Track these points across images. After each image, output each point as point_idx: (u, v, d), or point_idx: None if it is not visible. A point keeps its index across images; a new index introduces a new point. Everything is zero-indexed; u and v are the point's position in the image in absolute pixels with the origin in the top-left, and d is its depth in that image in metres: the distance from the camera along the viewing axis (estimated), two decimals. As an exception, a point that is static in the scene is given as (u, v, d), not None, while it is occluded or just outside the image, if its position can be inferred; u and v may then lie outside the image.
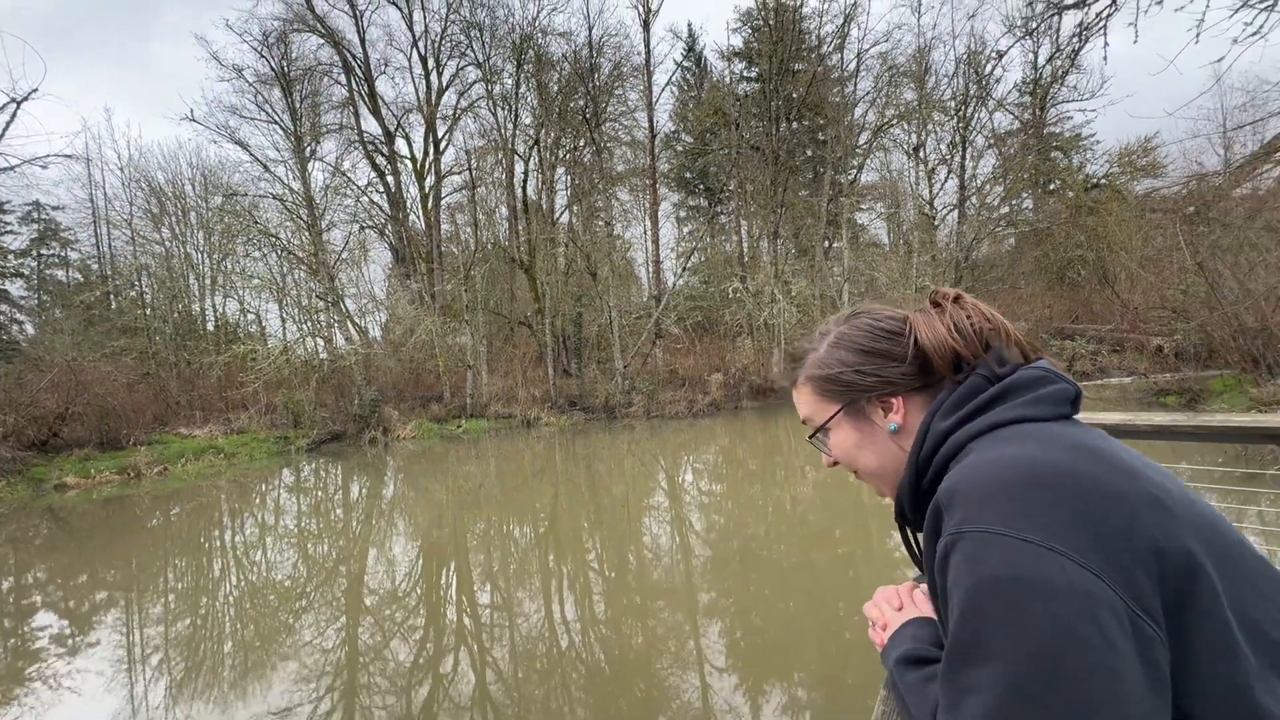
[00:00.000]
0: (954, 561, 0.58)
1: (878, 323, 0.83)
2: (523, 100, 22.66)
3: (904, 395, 0.80)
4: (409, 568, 7.26)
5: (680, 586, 6.12)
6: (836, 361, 0.84)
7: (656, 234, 24.43)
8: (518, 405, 18.62)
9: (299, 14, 21.51)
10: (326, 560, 7.86)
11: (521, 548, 7.87)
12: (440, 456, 14.73)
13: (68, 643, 5.64)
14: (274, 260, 20.72)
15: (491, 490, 11.08)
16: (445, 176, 24.22)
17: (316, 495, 12.04)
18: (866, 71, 24.05)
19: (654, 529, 8.44)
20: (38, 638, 5.81)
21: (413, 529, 9.08)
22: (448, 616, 5.81)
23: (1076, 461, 0.59)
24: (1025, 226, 23.48)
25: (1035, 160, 23.08)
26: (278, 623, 5.85)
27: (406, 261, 23.57)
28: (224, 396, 17.61)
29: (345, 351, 18.13)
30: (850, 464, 0.86)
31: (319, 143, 21.47)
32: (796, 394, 0.90)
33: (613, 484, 10.99)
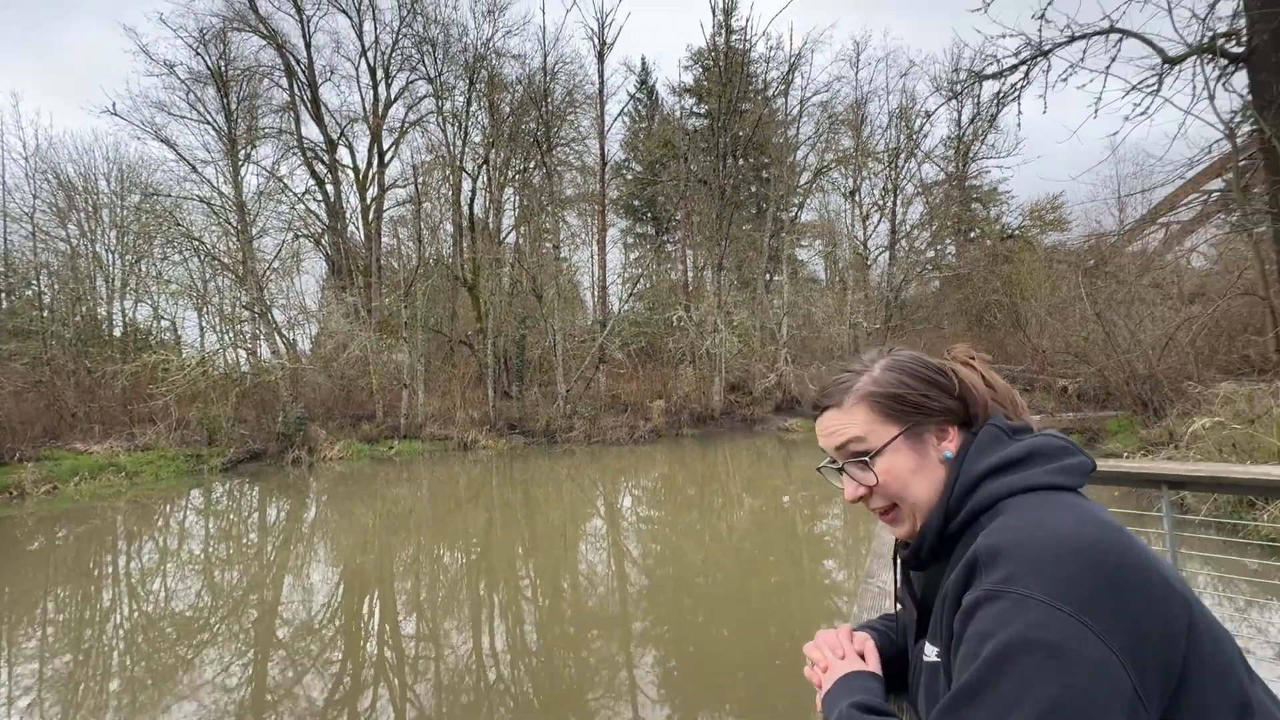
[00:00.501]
0: (985, 613, 0.62)
1: (924, 359, 0.86)
2: (473, 119, 22.55)
3: (956, 427, 0.83)
4: (328, 596, 6.84)
5: (615, 615, 6.04)
6: (900, 382, 0.83)
7: (604, 259, 24.62)
8: (455, 427, 18.07)
9: (240, 13, 20.74)
10: (235, 589, 7.29)
11: (451, 575, 7.57)
12: (369, 479, 14.06)
13: (-82, 685, 4.97)
14: (196, 265, 19.49)
15: (423, 515, 10.65)
16: (388, 189, 23.65)
17: (229, 518, 11.21)
18: (808, 117, 25.44)
19: (590, 556, 8.31)
20: (-120, 679, 5.09)
21: (335, 555, 8.57)
22: (367, 649, 5.49)
23: (1110, 540, 0.63)
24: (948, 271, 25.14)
25: (958, 210, 24.86)
26: (175, 658, 5.36)
27: (343, 274, 22.70)
28: (129, 409, 16.22)
29: (271, 365, 17.13)
30: (899, 491, 0.82)
31: (255, 146, 20.55)
32: (839, 415, 0.85)
33: (550, 510, 10.79)
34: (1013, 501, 0.71)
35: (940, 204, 25.02)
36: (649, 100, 32.04)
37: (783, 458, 15.36)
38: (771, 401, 20.53)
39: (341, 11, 23.12)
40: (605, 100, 23.92)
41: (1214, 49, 8.87)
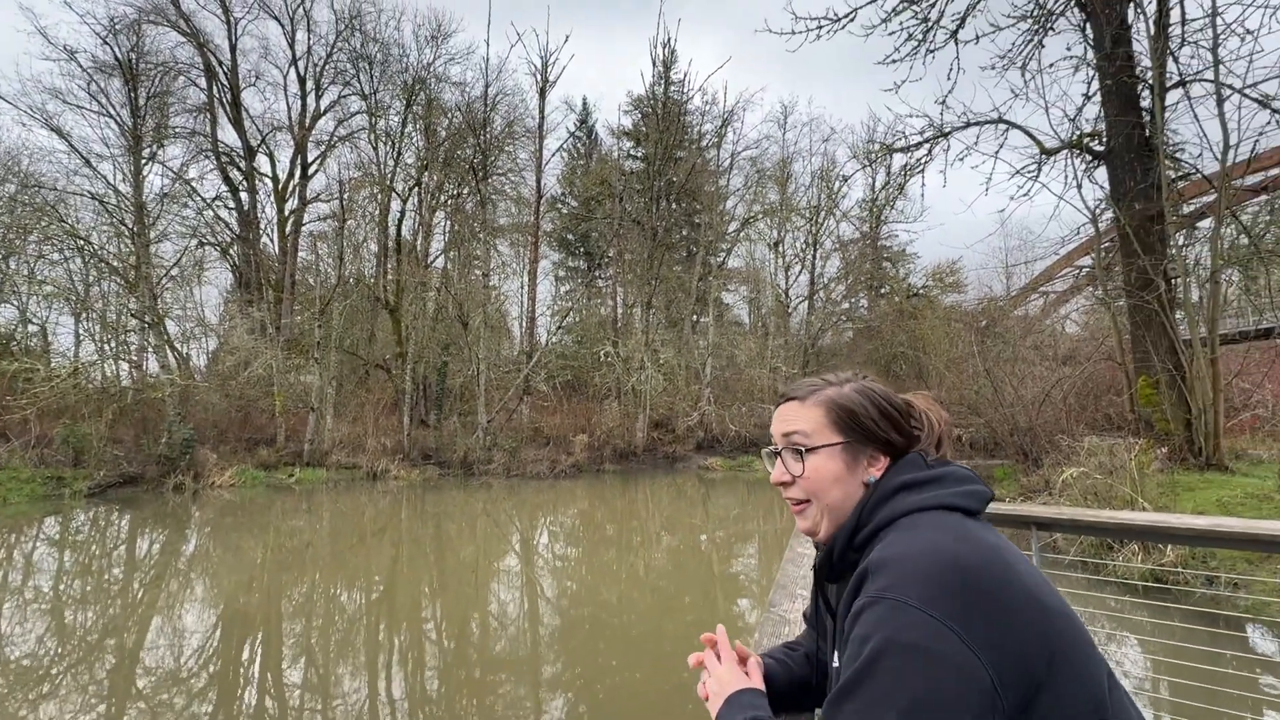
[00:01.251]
0: (867, 617, 0.69)
1: (891, 395, 0.95)
2: (408, 140, 22.13)
3: (887, 458, 0.91)
4: (202, 641, 6.17)
5: (524, 658, 5.81)
6: (861, 405, 0.91)
7: (534, 290, 24.49)
8: (365, 455, 17.06)
9: (158, 6, 19.57)
10: (90, 632, 6.44)
11: (348, 616, 7.04)
12: (262, 509, 12.96)
13: None
14: (78, 266, 17.70)
15: (321, 550, 9.90)
16: (310, 202, 22.62)
17: (90, 550, 9.96)
18: (738, 170, 26.83)
19: (502, 595, 8.00)
20: None
21: (214, 594, 7.78)
22: (244, 700, 4.98)
23: (986, 559, 0.70)
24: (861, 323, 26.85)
25: (870, 267, 26.76)
26: (6, 714, 4.64)
27: (251, 287, 21.28)
28: (-24, 423, 14.27)
29: (159, 380, 15.62)
30: (817, 489, 0.90)
31: (162, 146, 19.16)
32: (797, 407, 0.94)
33: (462, 546, 10.34)
34: (909, 519, 0.79)
35: (855, 261, 26.87)
36: (588, 139, 32.73)
37: (702, 496, 15.55)
38: (693, 440, 20.84)
39: (273, 18, 22.33)
40: (544, 135, 24.22)
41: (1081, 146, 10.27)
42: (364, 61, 22.29)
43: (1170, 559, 5.87)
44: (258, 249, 21.64)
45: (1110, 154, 10.03)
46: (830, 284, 26.79)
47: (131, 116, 17.75)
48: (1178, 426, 8.92)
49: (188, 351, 20.76)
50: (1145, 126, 9.65)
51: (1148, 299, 9.07)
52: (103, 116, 17.89)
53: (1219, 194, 8.67)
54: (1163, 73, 9.06)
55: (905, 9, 10.73)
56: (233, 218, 22.28)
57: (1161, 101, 9.10)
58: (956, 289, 25.70)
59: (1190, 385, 8.79)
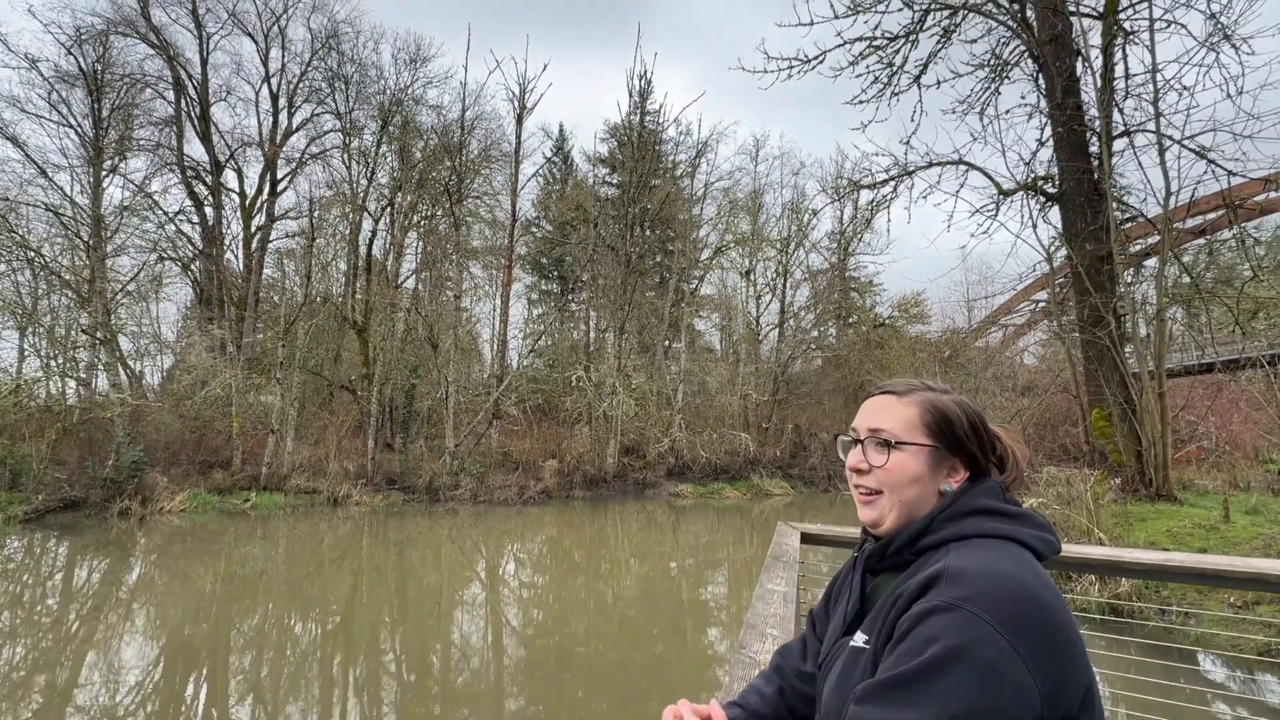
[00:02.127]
0: (938, 621, 0.72)
1: (983, 417, 0.97)
2: (382, 160, 22.03)
3: (967, 474, 0.93)
4: (141, 676, 5.81)
5: (487, 691, 5.62)
6: (958, 415, 0.93)
7: (506, 313, 24.37)
8: (326, 479, 16.51)
9: (128, 17, 19.29)
10: (18, 668, 6.01)
11: (301, 649, 6.73)
12: (214, 535, 12.39)
13: None
14: (26, 278, 16.97)
15: (275, 578, 9.49)
16: (278, 219, 22.25)
17: (21, 579, 9.35)
18: (711, 200, 27.39)
19: (466, 626, 7.76)
20: None
21: (157, 625, 7.36)
22: (187, 740, 4.68)
23: (1054, 602, 0.74)
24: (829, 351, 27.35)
25: (839, 297, 27.42)
26: None
27: (212, 304, 20.67)
28: (-97, 441, 13.41)
29: (110, 399, 14.94)
30: (893, 484, 0.92)
31: (124, 158, 18.67)
32: (893, 402, 0.95)
33: (425, 574, 10.02)
34: (985, 542, 0.82)
35: (824, 290, 27.50)
36: (564, 165, 33.07)
37: (672, 523, 15.44)
38: (664, 466, 20.76)
39: (247, 35, 22.21)
40: (520, 160, 24.40)
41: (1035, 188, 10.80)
42: (340, 81, 22.25)
43: (1126, 589, 6.03)
44: (221, 265, 21.10)
45: (1063, 196, 10.56)
46: (800, 312, 27.31)
47: (94, 127, 17.30)
48: (1129, 458, 9.26)
49: (141, 369, 19.97)
50: (1094, 171, 10.22)
51: (1099, 335, 9.49)
52: (62, 126, 17.42)
53: (1163, 236, 9.19)
54: (1109, 122, 9.64)
55: (871, 54, 11.23)
56: (196, 233, 21.74)
57: (1109, 149, 9.67)
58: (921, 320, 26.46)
59: (1140, 418, 9.16)
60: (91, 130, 17.29)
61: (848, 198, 13.44)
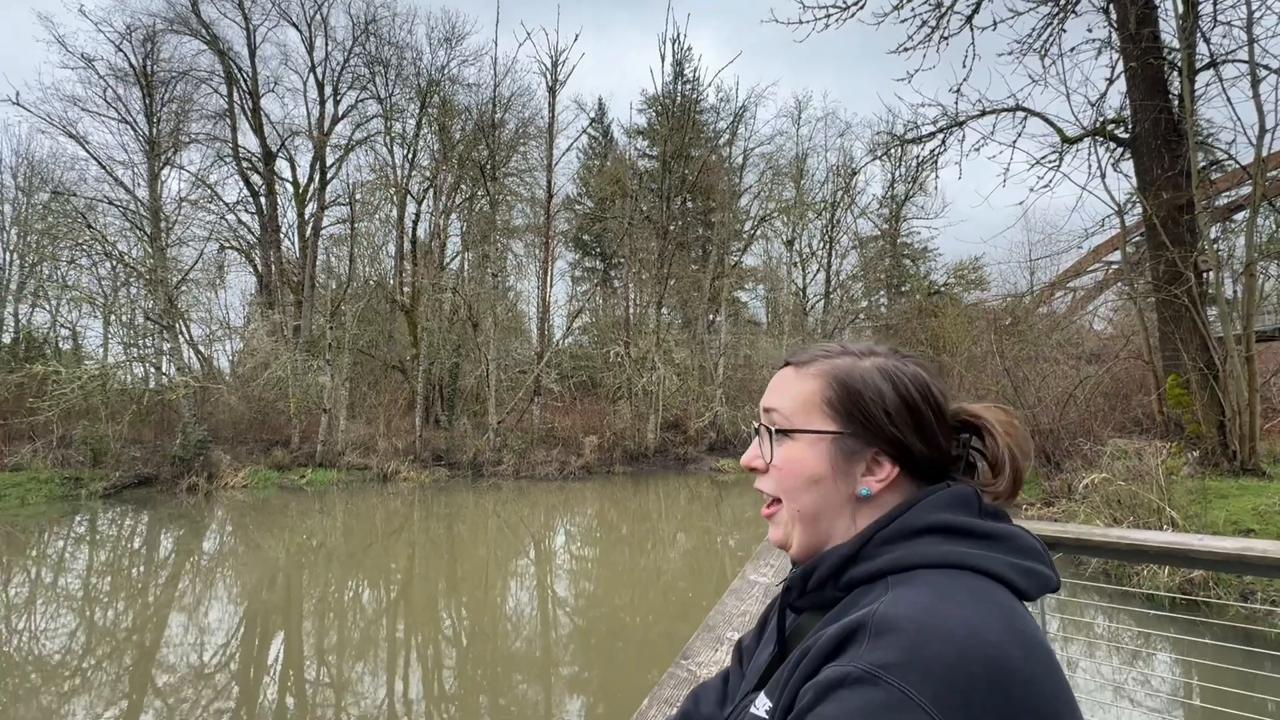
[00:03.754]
0: (849, 697, 0.49)
1: (927, 383, 0.69)
2: (423, 142, 22.28)
3: (900, 469, 0.67)
4: (225, 638, 6.23)
5: (540, 659, 5.78)
6: (873, 385, 0.68)
7: (546, 291, 24.54)
8: (376, 456, 17.17)
9: (181, 15, 19.93)
10: (115, 628, 6.54)
11: (365, 615, 7.07)
12: (277, 509, 13.10)
13: None
14: (106, 271, 18.07)
15: (336, 549, 9.97)
16: (328, 206, 22.88)
17: (110, 551, 10.13)
18: (752, 167, 26.64)
19: (517, 596, 7.99)
20: None
21: (236, 591, 7.86)
22: (266, 696, 5.01)
23: (1040, 673, 0.50)
24: (879, 321, 26.51)
25: (890, 264, 26.43)
26: (39, 708, 4.71)
27: (271, 290, 21.58)
28: (5, 424, 14.60)
29: (175, 382, 15.87)
30: (785, 487, 0.69)
31: (178, 151, 19.48)
32: (791, 376, 0.72)
33: (475, 547, 10.35)
34: (939, 575, 0.57)
35: (873, 258, 26.56)
36: (604, 139, 32.75)
37: (715, 498, 15.44)
38: (705, 441, 20.71)
39: (293, 25, 22.61)
40: (555, 135, 24.24)
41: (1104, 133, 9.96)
42: (379, 65, 22.50)
43: (1200, 573, 5.59)
44: (278, 252, 21.94)
45: (1136, 141, 9.70)
46: (848, 281, 26.51)
47: (149, 123, 18.08)
48: (1209, 428, 8.62)
49: (211, 354, 21.11)
50: (1173, 111, 9.30)
51: (1177, 294, 8.78)
52: (121, 123, 18.26)
53: (1255, 182, 8.37)
54: (1192, 53, 8.71)
55: (918, -6, 10.50)
56: (255, 221, 22.63)
57: (1191, 84, 8.75)
58: (979, 286, 25.23)
59: (1223, 384, 8.49)
60: (146, 126, 18.07)
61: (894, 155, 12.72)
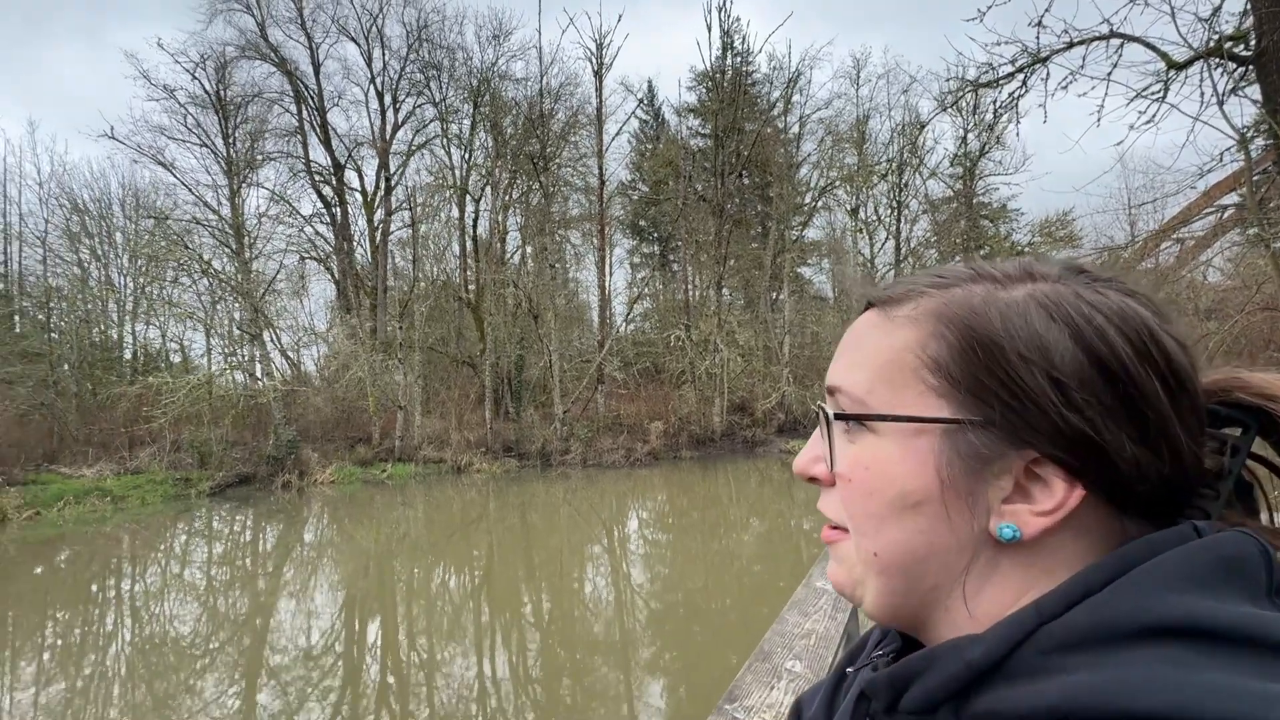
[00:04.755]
0: None
1: (1168, 334, 0.37)
2: (478, 141, 22.80)
3: (1090, 492, 0.36)
4: (330, 622, 6.65)
5: (620, 641, 5.82)
6: (1031, 336, 0.37)
7: (603, 279, 24.63)
8: (449, 449, 17.83)
9: (251, 41, 21.18)
10: (232, 615, 7.11)
11: (453, 600, 7.36)
12: (364, 503, 13.87)
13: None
14: (204, 287, 19.62)
15: (420, 539, 10.45)
16: (395, 212, 23.85)
17: (221, 545, 11.04)
18: (810, 135, 25.56)
19: (593, 581, 8.09)
20: None
21: (335, 579, 8.38)
22: (368, 675, 5.29)
23: None
24: (955, 289, 24.94)
25: (966, 227, 24.80)
26: (177, 683, 5.18)
27: (348, 295, 22.80)
28: (127, 431, 16.17)
29: (264, 386, 17.06)
30: (855, 512, 0.41)
31: (254, 170, 20.81)
32: (873, 325, 0.43)
33: (549, 534, 10.58)
34: None
35: (946, 222, 25.00)
36: (655, 121, 32.40)
37: (786, 481, 15.10)
38: (774, 423, 20.26)
39: (351, 39, 23.59)
40: (604, 120, 24.16)
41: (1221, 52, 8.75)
42: (433, 70, 23.13)
43: None
44: (352, 259, 23.13)
45: (1262, 57, 8.41)
46: (919, 248, 25.12)
47: (226, 145, 19.38)
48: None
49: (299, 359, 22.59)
50: (1308, 21, 8.09)
51: (1316, 233, 7.70)
52: (202, 147, 19.66)
53: None
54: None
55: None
56: (329, 231, 23.92)
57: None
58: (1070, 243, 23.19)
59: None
60: (224, 148, 19.38)
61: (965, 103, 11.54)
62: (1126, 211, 18.30)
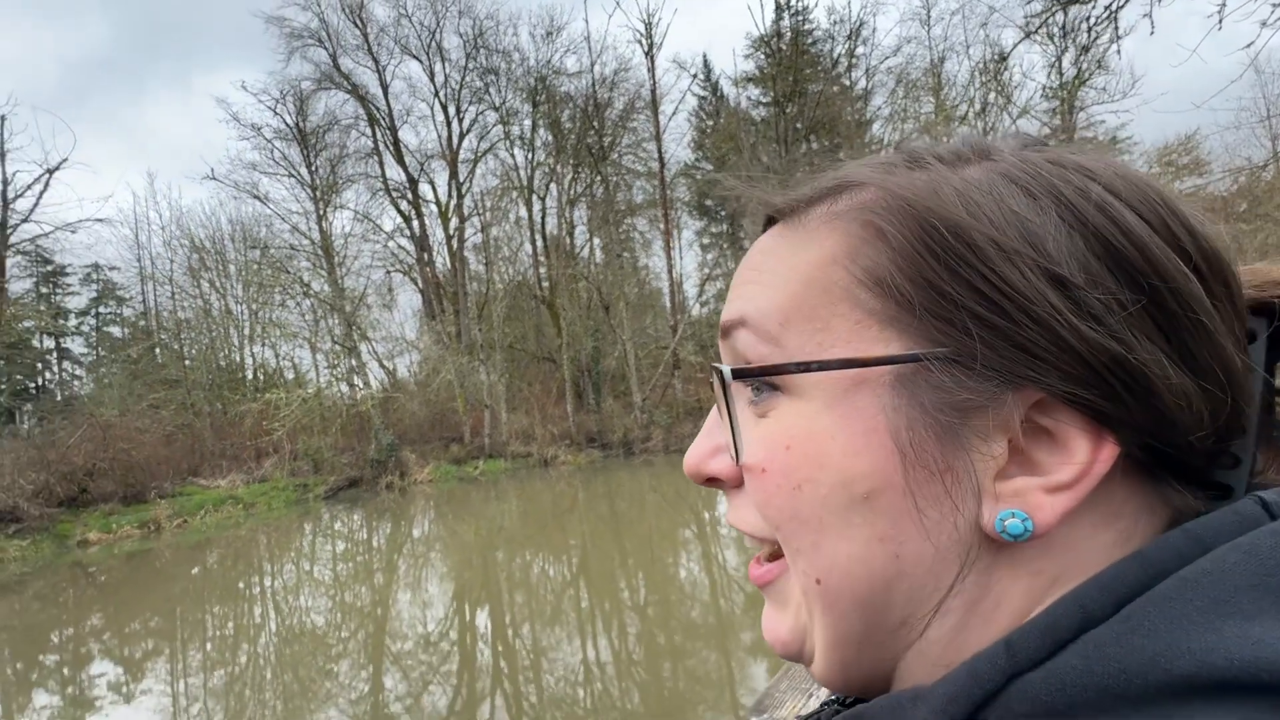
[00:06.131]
0: None
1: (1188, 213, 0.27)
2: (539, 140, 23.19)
3: (1108, 439, 0.25)
4: (443, 611, 7.06)
5: (716, 625, 5.79)
6: (1009, 222, 0.25)
7: (670, 263, 24.43)
8: (535, 443, 18.34)
9: (326, 73, 22.55)
10: (358, 607, 7.70)
11: (553, 588, 7.61)
12: (461, 499, 14.58)
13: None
14: (307, 307, 21.28)
15: (515, 531, 10.87)
16: (468, 219, 24.78)
17: (341, 543, 11.98)
18: (879, 88, 24.00)
19: (687, 566, 8.10)
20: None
21: (443, 571, 8.90)
22: (482, 659, 5.57)
23: None
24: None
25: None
26: (315, 669, 5.69)
27: (432, 302, 23.99)
28: (253, 444, 17.84)
29: (363, 395, 18.29)
30: (782, 519, 0.28)
31: (338, 193, 22.24)
32: (781, 243, 0.31)
33: (638, 522, 10.69)
34: None
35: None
36: (714, 96, 31.63)
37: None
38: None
39: (413, 57, 24.57)
40: (659, 101, 23.81)
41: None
42: (491, 75, 23.69)
43: None
44: (434, 268, 24.29)
45: None
46: (1010, 197, 23.06)
47: (309, 173, 20.81)
48: None
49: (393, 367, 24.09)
50: None
51: None
52: (289, 177, 21.20)
53: None
54: None
55: None
56: (411, 244, 25.23)
57: None
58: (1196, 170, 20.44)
59: None
60: (309, 175, 20.82)
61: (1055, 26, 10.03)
62: (1265, 124, 15.29)
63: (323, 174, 21.52)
